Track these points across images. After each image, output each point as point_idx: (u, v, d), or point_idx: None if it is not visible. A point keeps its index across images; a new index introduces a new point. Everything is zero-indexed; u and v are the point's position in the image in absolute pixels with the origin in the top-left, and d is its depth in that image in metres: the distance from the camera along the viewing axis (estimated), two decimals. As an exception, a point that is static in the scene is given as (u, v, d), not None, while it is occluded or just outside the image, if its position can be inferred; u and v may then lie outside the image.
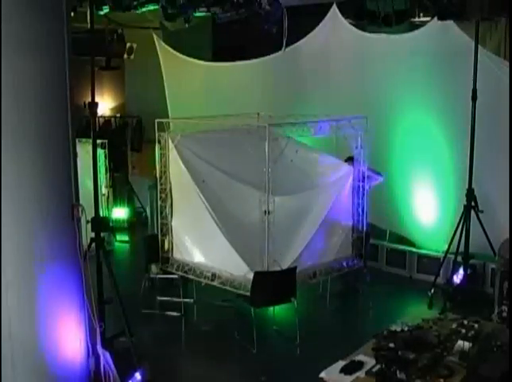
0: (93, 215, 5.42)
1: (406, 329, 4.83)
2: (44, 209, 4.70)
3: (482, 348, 4.47)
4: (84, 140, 8.07)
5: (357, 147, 7.50)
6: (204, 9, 7.25)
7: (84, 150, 7.16)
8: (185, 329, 7.30)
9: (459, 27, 7.49)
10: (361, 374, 4.23)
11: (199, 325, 7.34)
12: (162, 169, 7.41)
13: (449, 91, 7.81)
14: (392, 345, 4.48)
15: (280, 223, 6.71)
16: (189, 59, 10.80)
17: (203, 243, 7.32)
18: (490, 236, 7.11)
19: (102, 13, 7.20)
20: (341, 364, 4.39)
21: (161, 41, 11.06)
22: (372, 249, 8.49)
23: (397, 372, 4.12)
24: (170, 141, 7.29)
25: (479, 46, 7.15)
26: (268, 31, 7.22)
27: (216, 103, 10.09)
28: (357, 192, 7.62)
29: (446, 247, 7.64)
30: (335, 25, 8.75)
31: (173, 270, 7.46)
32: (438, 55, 7.85)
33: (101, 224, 5.57)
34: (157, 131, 7.33)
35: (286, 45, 8.14)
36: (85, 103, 10.07)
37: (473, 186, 7.32)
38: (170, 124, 7.53)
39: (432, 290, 7.55)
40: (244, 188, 7.05)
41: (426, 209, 8.47)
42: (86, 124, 10.14)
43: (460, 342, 4.49)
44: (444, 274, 7.82)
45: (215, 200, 7.09)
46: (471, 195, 7.32)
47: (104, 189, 10.03)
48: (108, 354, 5.18)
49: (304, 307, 7.02)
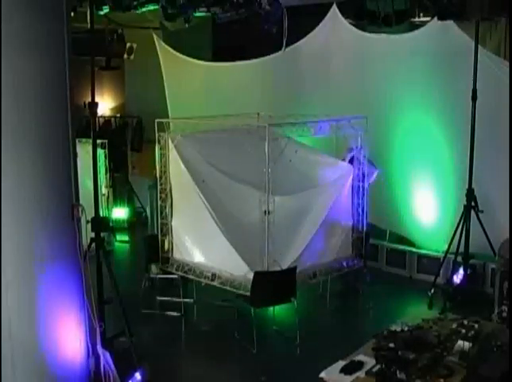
0: (93, 215, 5.43)
1: (406, 329, 4.83)
2: (44, 209, 4.70)
3: (482, 348, 4.47)
4: (84, 140, 8.07)
5: (357, 147, 7.51)
6: (204, 9, 7.25)
7: (84, 150, 7.17)
8: (185, 329, 7.30)
9: (459, 27, 7.50)
10: (361, 374, 4.23)
11: (199, 325, 7.34)
12: (162, 169, 7.42)
13: (449, 91, 7.82)
14: (392, 345, 4.48)
15: (280, 223, 6.71)
16: (189, 59, 10.80)
17: (203, 243, 7.32)
18: (490, 236, 7.11)
19: (102, 13, 7.20)
20: (341, 364, 4.39)
21: (161, 41, 11.06)
22: (372, 249, 8.49)
23: (397, 372, 4.12)
24: (170, 141, 7.29)
25: (479, 46, 7.15)
26: (268, 31, 7.22)
27: (216, 103, 10.09)
28: (357, 192, 7.63)
29: (446, 247, 7.64)
30: (335, 25, 8.75)
31: (173, 271, 7.46)
32: (438, 55, 7.85)
33: (101, 224, 5.58)
34: (157, 131, 7.34)
35: (286, 45, 8.14)
36: (85, 103, 10.06)
37: (473, 186, 7.32)
38: (170, 124, 7.54)
39: (432, 290, 7.55)
40: (244, 188, 7.05)
41: (426, 209, 8.47)
42: (86, 124, 10.13)
43: (460, 342, 4.49)
44: (444, 274, 7.83)
45: (215, 200, 7.09)
46: (471, 195, 7.32)
47: (104, 189, 10.03)
48: (108, 354, 5.18)
49: (304, 307, 7.02)
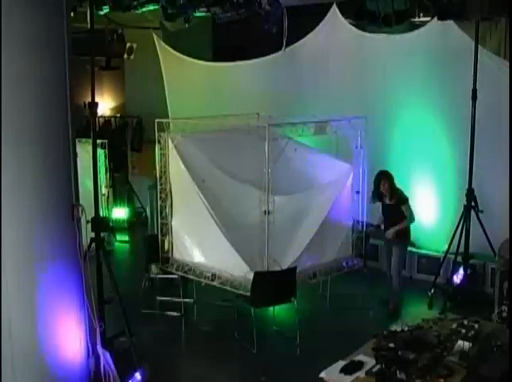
0: (93, 215, 5.43)
1: (406, 329, 4.83)
2: (44, 209, 4.70)
3: (482, 348, 4.47)
4: (84, 140, 8.07)
5: (357, 147, 7.50)
6: (204, 9, 7.25)
7: (84, 150, 7.17)
8: (185, 329, 7.30)
9: (459, 27, 7.50)
10: (361, 374, 4.22)
11: (199, 325, 7.33)
12: (162, 169, 7.41)
13: (449, 90, 7.82)
14: (392, 345, 4.48)
15: (280, 223, 6.70)
16: (189, 59, 10.80)
17: (203, 243, 7.31)
18: (490, 236, 7.11)
19: (102, 13, 7.20)
20: (341, 364, 4.38)
21: (161, 41, 11.06)
22: (372, 249, 8.48)
23: (397, 372, 4.12)
24: (170, 141, 7.29)
25: (479, 46, 7.15)
26: (268, 31, 7.22)
27: (216, 103, 10.09)
28: (357, 192, 7.62)
29: (446, 247, 7.64)
30: (335, 25, 8.75)
31: (173, 271, 7.46)
32: (438, 55, 7.86)
33: (101, 224, 5.58)
34: (157, 131, 7.34)
35: (286, 45, 8.15)
36: (85, 103, 10.07)
37: (473, 186, 7.32)
38: (170, 124, 7.53)
39: (432, 290, 7.55)
40: (244, 188, 7.05)
41: (426, 209, 8.46)
42: (86, 124, 10.13)
43: (460, 342, 4.49)
44: (444, 274, 7.83)
45: (215, 200, 7.09)
46: (471, 195, 7.32)
47: (104, 189, 10.04)
48: (108, 354, 5.18)
49: (304, 307, 7.01)
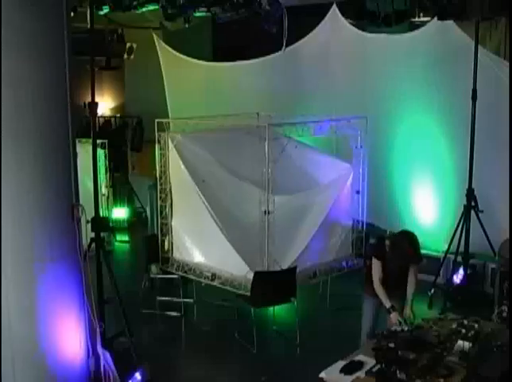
0: (93, 215, 5.42)
1: (406, 329, 4.83)
2: (44, 209, 4.70)
3: (482, 348, 4.47)
4: (84, 140, 8.06)
5: (357, 147, 7.50)
6: (204, 9, 7.22)
7: (84, 150, 7.15)
8: (185, 329, 7.30)
9: (459, 27, 7.49)
10: (361, 374, 4.22)
11: (199, 325, 7.34)
12: (162, 169, 7.42)
13: (449, 90, 7.81)
14: (392, 345, 4.48)
15: (280, 223, 6.71)
16: (189, 59, 10.79)
17: (203, 243, 7.32)
18: (490, 236, 7.10)
19: (102, 13, 7.18)
20: (341, 364, 4.38)
21: (161, 41, 11.05)
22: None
23: (397, 372, 4.12)
24: (170, 141, 7.29)
25: (479, 46, 7.15)
26: (268, 31, 7.20)
27: (216, 103, 10.08)
28: (356, 192, 7.62)
29: (446, 247, 7.63)
30: (335, 25, 8.74)
31: (173, 270, 7.46)
32: (438, 55, 7.85)
33: (101, 224, 5.57)
34: (157, 131, 7.34)
35: (286, 45, 8.11)
36: (85, 103, 10.09)
37: (473, 186, 7.32)
38: (170, 124, 7.53)
39: (432, 290, 7.55)
40: (244, 188, 7.05)
41: (426, 209, 8.47)
42: (86, 124, 10.13)
43: (460, 342, 4.49)
44: (444, 274, 7.82)
45: (215, 200, 7.09)
46: (471, 195, 7.32)
47: (104, 189, 10.03)
48: (108, 354, 5.18)
49: (304, 307, 7.02)
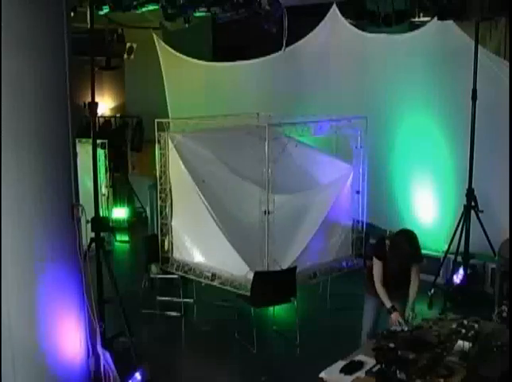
0: (93, 215, 5.42)
1: (406, 329, 4.83)
2: (44, 209, 4.70)
3: (482, 348, 4.46)
4: (84, 140, 8.07)
5: (357, 147, 7.51)
6: (204, 9, 7.22)
7: (84, 150, 7.15)
8: (185, 329, 7.30)
9: (459, 27, 7.49)
10: (361, 374, 4.22)
11: (199, 325, 7.34)
12: (162, 169, 7.42)
13: (449, 91, 7.81)
14: (392, 345, 4.48)
15: (280, 222, 6.70)
16: (189, 59, 10.79)
17: (203, 243, 7.31)
18: (490, 236, 7.10)
19: (102, 13, 7.18)
20: (341, 364, 4.38)
21: (161, 41, 11.05)
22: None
23: (397, 372, 4.11)
24: (170, 141, 7.29)
25: (479, 46, 7.15)
26: (268, 31, 7.20)
27: (216, 103, 10.09)
28: (356, 192, 7.62)
29: (446, 247, 7.63)
30: (335, 25, 8.74)
31: (173, 270, 7.46)
32: (438, 55, 7.85)
33: (101, 224, 5.57)
34: (157, 131, 7.34)
35: (286, 45, 8.12)
36: (85, 103, 10.09)
37: (473, 186, 7.32)
38: (170, 124, 7.53)
39: (432, 290, 7.54)
40: (245, 186, 7.05)
41: (426, 209, 8.47)
42: (86, 124, 10.13)
43: (460, 342, 4.48)
44: (444, 274, 7.81)
45: (215, 200, 7.09)
46: (471, 195, 7.32)
47: (104, 189, 10.04)
48: (108, 354, 5.18)
49: (304, 307, 7.01)
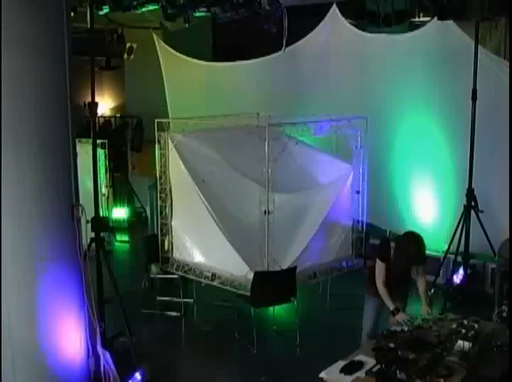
0: (93, 215, 5.42)
1: (406, 329, 4.83)
2: (44, 209, 4.70)
3: (482, 348, 4.46)
4: (84, 140, 8.07)
5: (357, 147, 7.51)
6: (204, 9, 7.22)
7: (84, 150, 7.15)
8: (185, 329, 7.30)
9: (459, 27, 7.50)
10: (361, 374, 4.22)
11: (199, 325, 7.34)
12: (162, 169, 7.42)
13: (449, 91, 7.81)
14: (392, 345, 4.48)
15: (280, 222, 6.71)
16: (189, 59, 10.79)
17: (203, 243, 7.32)
18: (490, 236, 7.10)
19: (102, 13, 7.18)
20: (341, 364, 4.38)
21: (161, 41, 11.05)
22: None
23: (397, 372, 4.11)
24: (170, 141, 7.29)
25: (479, 46, 7.15)
26: (268, 31, 7.20)
27: (216, 103, 10.08)
28: (356, 192, 7.62)
29: (446, 247, 7.63)
30: (335, 25, 8.74)
31: (173, 270, 7.46)
32: (438, 55, 7.85)
33: (101, 224, 5.57)
34: (157, 131, 7.34)
35: (286, 45, 8.12)
36: (85, 103, 10.09)
37: (473, 186, 7.32)
38: (170, 124, 7.53)
39: (432, 290, 7.52)
40: (245, 184, 7.05)
41: (426, 209, 8.46)
42: (86, 124, 10.13)
43: (460, 342, 4.48)
44: (444, 274, 7.82)
45: (215, 200, 7.09)
46: (471, 195, 7.31)
47: (104, 189, 10.04)
48: (108, 354, 5.18)
49: (304, 307, 7.02)
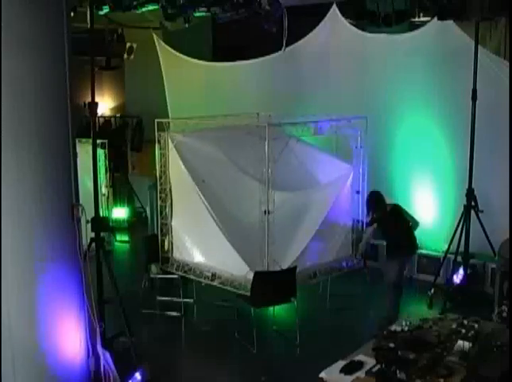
0: (93, 215, 5.42)
1: (406, 329, 4.83)
2: (44, 209, 4.71)
3: (482, 348, 4.47)
4: (84, 140, 8.07)
5: (357, 147, 7.51)
6: (204, 9, 7.22)
7: (84, 150, 7.16)
8: (185, 329, 7.30)
9: (459, 27, 7.50)
10: (361, 374, 4.23)
11: (199, 325, 7.34)
12: (162, 169, 7.42)
13: (449, 91, 7.82)
14: (392, 345, 4.48)
15: (280, 223, 6.70)
16: (189, 59, 10.80)
17: (203, 243, 7.32)
18: (490, 236, 7.11)
19: (102, 13, 7.18)
20: (341, 364, 4.39)
21: (161, 41, 11.06)
22: (372, 249, 8.49)
23: (397, 372, 4.12)
24: (170, 141, 7.30)
25: (479, 46, 7.15)
26: (268, 31, 7.20)
27: (216, 103, 10.09)
28: (356, 192, 7.62)
29: (446, 247, 7.64)
30: (335, 25, 8.75)
31: (173, 270, 7.46)
32: (438, 55, 7.86)
33: (101, 224, 5.57)
34: (157, 131, 7.34)
35: (286, 45, 8.12)
36: (85, 103, 10.09)
37: (473, 186, 7.32)
38: (170, 124, 7.54)
39: (432, 290, 7.55)
40: (244, 187, 7.05)
41: (426, 209, 8.46)
42: (86, 124, 10.13)
43: (460, 342, 4.49)
44: (444, 274, 7.82)
45: (215, 200, 7.09)
46: (471, 195, 7.32)
47: (104, 189, 10.04)
48: (108, 354, 5.18)
49: (304, 307, 7.01)
